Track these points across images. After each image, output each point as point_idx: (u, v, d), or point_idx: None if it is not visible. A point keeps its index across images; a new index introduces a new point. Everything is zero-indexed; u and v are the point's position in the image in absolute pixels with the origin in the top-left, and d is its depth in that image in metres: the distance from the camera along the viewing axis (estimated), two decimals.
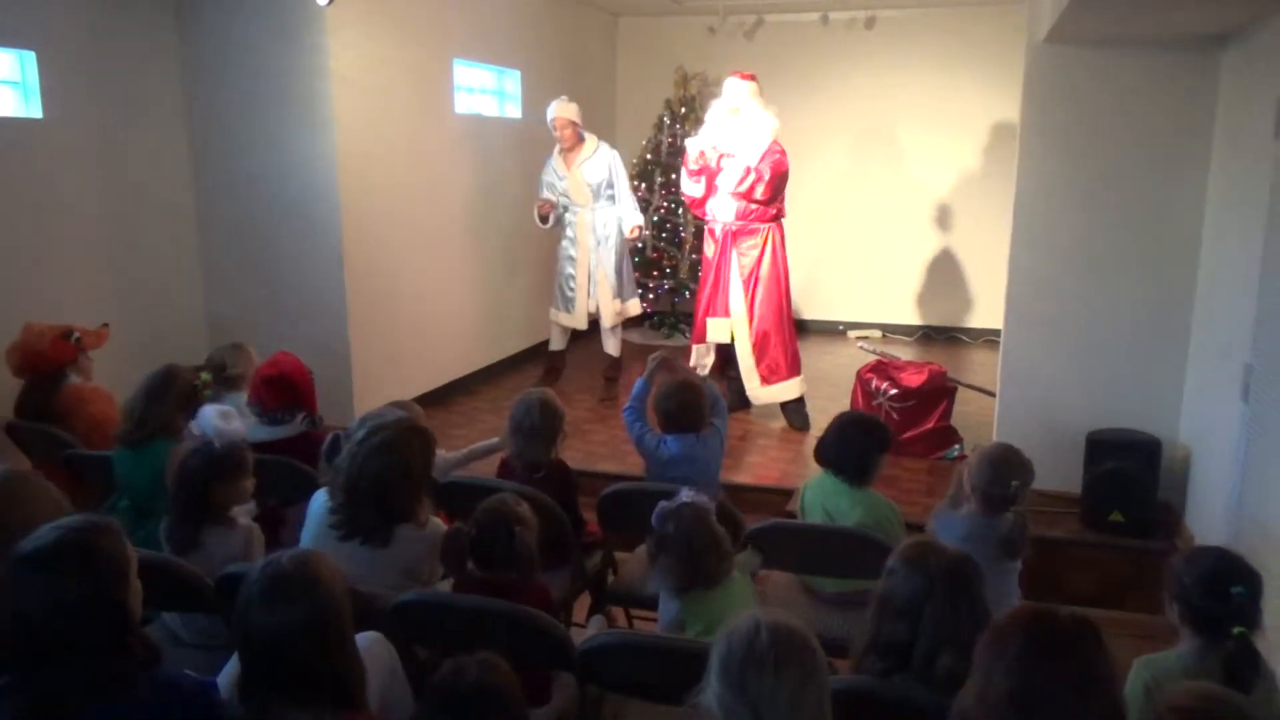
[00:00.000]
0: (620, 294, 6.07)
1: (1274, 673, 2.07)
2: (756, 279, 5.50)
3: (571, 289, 6.07)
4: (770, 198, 5.41)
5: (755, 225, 5.48)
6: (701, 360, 5.75)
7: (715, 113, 5.59)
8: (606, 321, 6.07)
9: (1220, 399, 3.74)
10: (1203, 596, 2.01)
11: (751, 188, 5.36)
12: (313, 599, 1.66)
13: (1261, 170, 3.37)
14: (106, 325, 4.12)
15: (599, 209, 5.94)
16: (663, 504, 2.51)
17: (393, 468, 2.48)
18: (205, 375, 3.57)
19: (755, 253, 5.50)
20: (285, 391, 3.50)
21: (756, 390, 5.61)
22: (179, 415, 3.28)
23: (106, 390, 3.95)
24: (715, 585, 2.42)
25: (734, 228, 5.49)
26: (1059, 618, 1.53)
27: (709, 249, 5.68)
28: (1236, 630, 1.92)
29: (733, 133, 5.46)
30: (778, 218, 5.56)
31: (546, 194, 6.00)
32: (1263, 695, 1.95)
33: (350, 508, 2.48)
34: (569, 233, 6.02)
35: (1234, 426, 3.48)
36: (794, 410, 5.66)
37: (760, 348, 5.55)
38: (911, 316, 8.51)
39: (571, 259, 6.04)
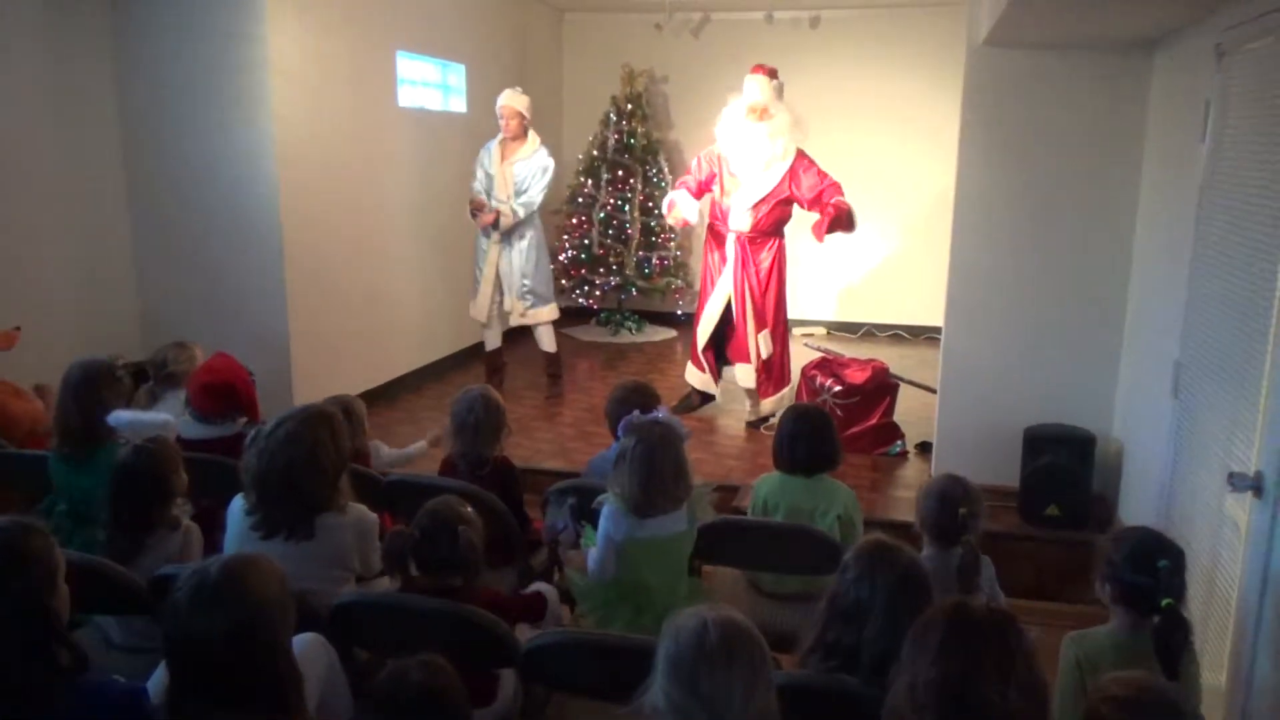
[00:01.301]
0: (526, 297, 5.89)
1: (1195, 654, 2.14)
2: (765, 290, 5.47)
3: (477, 281, 5.94)
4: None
5: (768, 236, 5.45)
6: (746, 382, 5.63)
7: (733, 112, 5.38)
8: (511, 320, 5.96)
9: (1151, 395, 3.84)
10: (1131, 572, 2.09)
11: (839, 208, 5.26)
12: (240, 606, 1.60)
13: (1190, 171, 3.46)
14: (18, 328, 3.95)
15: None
16: (633, 415, 2.50)
17: (300, 458, 2.40)
18: (121, 360, 3.37)
19: (766, 263, 5.47)
20: (225, 398, 3.42)
21: (757, 407, 5.63)
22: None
23: (11, 385, 3.80)
24: (670, 511, 2.44)
25: (748, 237, 5.44)
26: (975, 607, 1.59)
27: (714, 259, 5.57)
28: (1165, 602, 1.99)
29: (753, 139, 5.26)
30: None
31: (477, 182, 5.84)
32: (1184, 669, 2.03)
33: (265, 505, 2.42)
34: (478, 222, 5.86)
35: (1164, 422, 3.58)
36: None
37: (763, 362, 5.54)
38: (855, 314, 8.62)
39: (483, 252, 5.89)
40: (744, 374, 5.57)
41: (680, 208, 5.47)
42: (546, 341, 6.13)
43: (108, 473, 2.77)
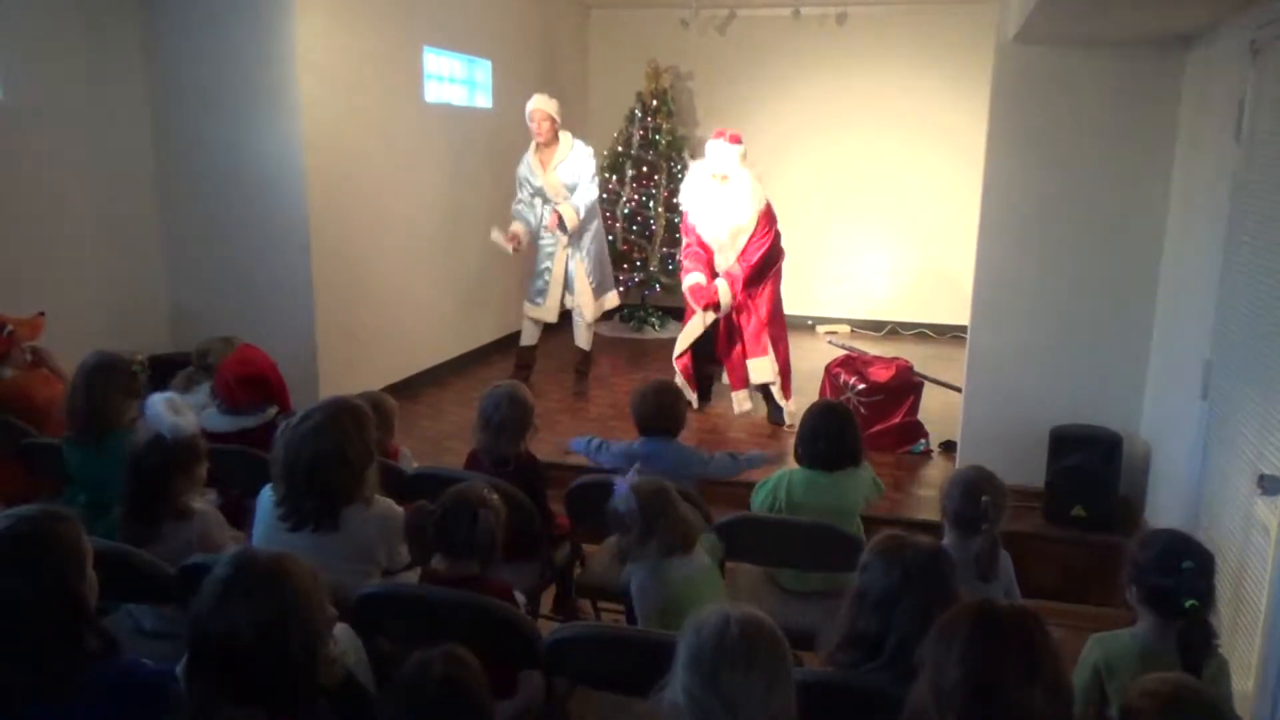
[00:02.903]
0: (598, 289, 6.01)
1: (1224, 659, 2.12)
2: (752, 319, 5.55)
3: (545, 282, 5.99)
4: (758, 269, 5.41)
5: (756, 284, 5.52)
6: (743, 406, 5.70)
7: (697, 175, 5.45)
8: (587, 316, 6.01)
9: (1180, 395, 3.80)
10: (1157, 574, 2.07)
11: (746, 278, 5.37)
12: (269, 604, 1.61)
13: (1222, 171, 3.42)
14: (42, 314, 4.02)
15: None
16: (631, 475, 2.53)
17: (327, 450, 2.42)
18: (140, 357, 3.46)
19: (755, 302, 5.54)
20: (258, 388, 3.48)
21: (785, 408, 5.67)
22: (126, 405, 3.13)
23: (42, 373, 3.86)
24: (681, 553, 2.46)
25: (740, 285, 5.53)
26: (1002, 607, 1.58)
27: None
28: (1189, 603, 1.97)
29: (717, 202, 5.32)
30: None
31: (520, 203, 5.89)
32: (1212, 674, 2.01)
33: (292, 497, 2.44)
34: (545, 223, 5.92)
35: (1193, 423, 3.54)
36: (772, 406, 5.68)
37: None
38: (879, 312, 8.57)
39: (549, 254, 5.95)
40: (759, 369, 5.60)
41: (699, 285, 5.57)
42: (585, 339, 6.17)
43: (119, 460, 2.80)
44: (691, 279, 5.51)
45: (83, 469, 3.08)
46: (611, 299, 6.17)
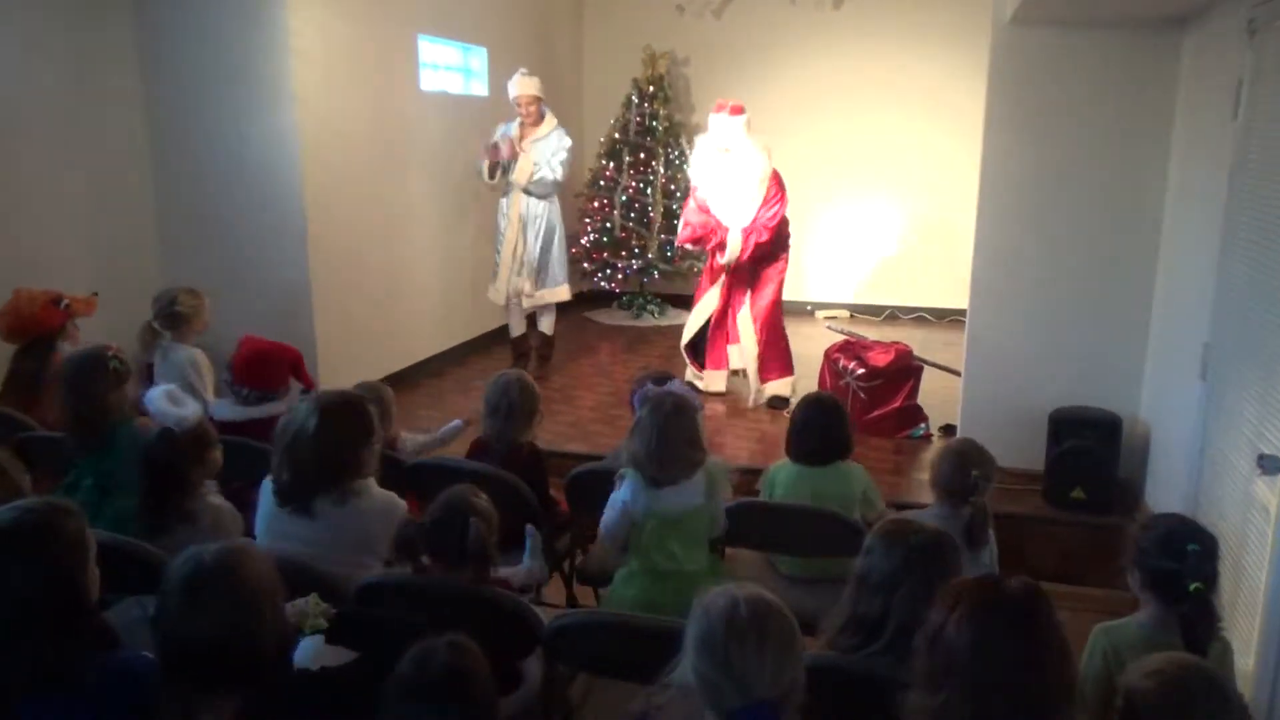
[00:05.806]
0: (541, 280, 5.99)
1: (1228, 641, 2.12)
2: (758, 290, 5.59)
3: (497, 264, 6.03)
4: (774, 241, 5.42)
5: (767, 261, 5.54)
6: (716, 385, 5.79)
7: (703, 150, 5.48)
8: (524, 304, 6.04)
9: (1179, 378, 3.80)
10: (1160, 558, 2.05)
11: (757, 247, 5.39)
12: (238, 599, 1.63)
13: (1220, 151, 3.41)
14: (96, 294, 4.05)
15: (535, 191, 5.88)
16: (647, 388, 2.54)
17: (327, 438, 2.44)
18: (115, 347, 3.42)
19: (764, 286, 5.58)
20: (279, 371, 3.51)
21: (760, 390, 5.67)
22: (118, 398, 3.08)
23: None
24: (682, 481, 2.48)
25: (747, 263, 5.54)
26: (1006, 587, 1.54)
27: (710, 273, 5.70)
28: (1193, 586, 1.96)
29: (724, 174, 5.35)
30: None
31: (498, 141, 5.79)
32: (1216, 657, 2.01)
33: (294, 484, 2.45)
34: (504, 209, 5.95)
35: (1192, 405, 3.54)
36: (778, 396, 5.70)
37: (762, 353, 5.62)
38: (878, 296, 8.57)
39: (502, 235, 5.98)
40: (748, 362, 5.65)
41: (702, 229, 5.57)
42: (545, 324, 6.23)
43: (127, 450, 2.79)
44: (690, 224, 5.54)
45: (91, 464, 3.07)
46: (557, 293, 6.09)
